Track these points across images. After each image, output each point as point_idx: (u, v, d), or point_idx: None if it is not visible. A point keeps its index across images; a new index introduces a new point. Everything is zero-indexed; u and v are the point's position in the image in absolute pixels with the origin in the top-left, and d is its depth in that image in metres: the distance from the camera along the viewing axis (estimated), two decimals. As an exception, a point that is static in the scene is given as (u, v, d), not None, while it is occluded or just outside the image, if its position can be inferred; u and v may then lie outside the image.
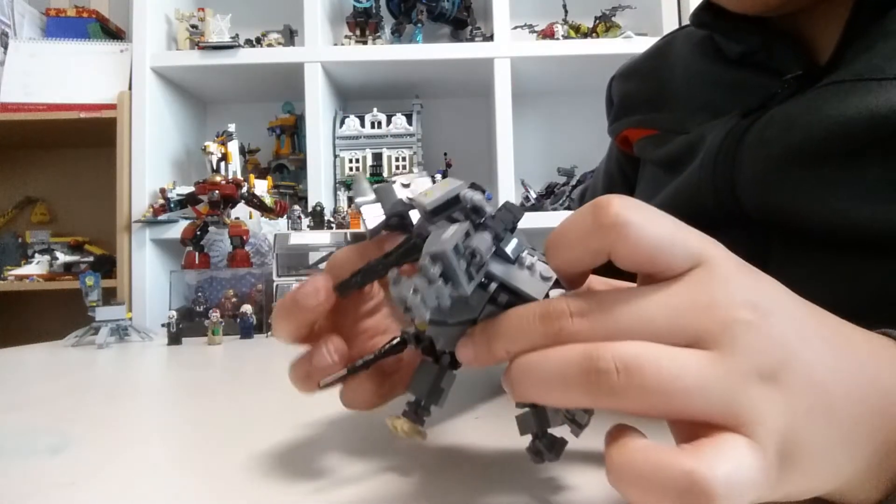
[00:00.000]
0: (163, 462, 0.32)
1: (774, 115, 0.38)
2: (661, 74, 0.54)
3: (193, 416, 0.43)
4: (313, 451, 0.32)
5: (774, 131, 0.37)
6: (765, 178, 0.37)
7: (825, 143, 0.34)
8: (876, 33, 0.35)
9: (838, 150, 0.34)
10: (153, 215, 1.47)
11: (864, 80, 0.33)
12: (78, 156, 1.86)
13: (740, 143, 0.39)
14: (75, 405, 0.48)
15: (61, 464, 0.31)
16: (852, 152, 0.33)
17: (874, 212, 0.33)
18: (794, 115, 0.36)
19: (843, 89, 0.34)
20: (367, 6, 1.68)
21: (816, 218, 0.35)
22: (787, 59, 0.40)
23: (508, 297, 0.22)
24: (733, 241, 0.44)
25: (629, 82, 0.59)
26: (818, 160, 0.35)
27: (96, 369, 0.71)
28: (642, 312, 0.19)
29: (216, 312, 0.95)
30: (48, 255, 1.66)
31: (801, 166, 0.35)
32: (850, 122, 0.33)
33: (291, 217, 1.23)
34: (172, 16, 1.67)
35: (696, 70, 0.50)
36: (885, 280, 0.33)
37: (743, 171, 0.39)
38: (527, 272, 0.22)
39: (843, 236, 0.34)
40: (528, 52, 1.62)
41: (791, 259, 0.37)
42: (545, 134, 1.91)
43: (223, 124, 1.38)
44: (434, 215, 0.23)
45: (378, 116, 1.68)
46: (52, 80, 1.62)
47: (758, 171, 0.38)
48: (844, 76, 0.35)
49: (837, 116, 0.33)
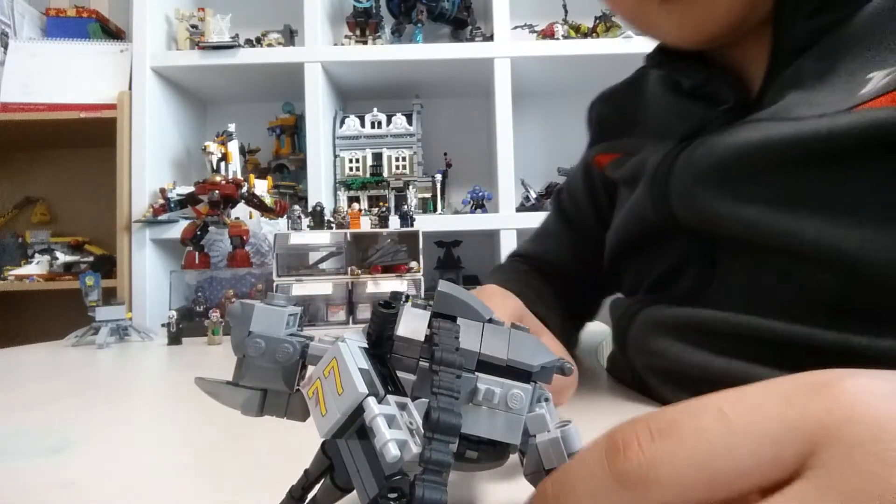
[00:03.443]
0: (163, 462, 0.32)
1: (700, 143, 0.44)
2: (635, 101, 0.59)
3: (193, 416, 0.43)
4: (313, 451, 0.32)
5: (698, 155, 0.44)
6: (690, 192, 0.43)
7: (734, 163, 0.41)
8: (793, 78, 0.41)
9: (745, 169, 0.40)
10: (153, 215, 1.47)
11: (775, 120, 0.40)
12: (78, 156, 1.86)
13: (673, 165, 0.46)
14: (75, 405, 0.48)
15: (61, 464, 0.31)
16: (758, 169, 0.39)
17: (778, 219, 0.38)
18: (715, 142, 0.43)
19: (756, 125, 0.40)
20: (367, 6, 1.68)
21: (733, 225, 0.41)
22: (724, 91, 0.46)
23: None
24: (682, 246, 0.47)
25: (607, 106, 0.65)
26: (729, 177, 0.41)
27: (96, 369, 0.71)
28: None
29: (216, 312, 0.95)
30: (48, 255, 1.66)
31: (716, 182, 0.42)
32: (753, 147, 0.39)
33: (291, 217, 1.22)
34: (172, 16, 1.67)
35: (660, 99, 0.56)
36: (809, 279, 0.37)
37: (674, 188, 0.45)
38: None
39: (759, 241, 0.39)
40: (528, 52, 1.62)
41: (735, 265, 0.43)
42: (545, 134, 1.91)
43: (223, 124, 1.38)
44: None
45: (378, 116, 1.68)
46: (52, 80, 1.62)
47: (685, 187, 0.44)
48: (762, 116, 0.41)
49: (744, 142, 0.40)
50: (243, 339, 0.18)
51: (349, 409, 0.15)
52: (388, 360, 0.18)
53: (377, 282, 1.17)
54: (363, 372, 0.16)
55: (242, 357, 0.18)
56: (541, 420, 0.17)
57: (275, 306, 0.18)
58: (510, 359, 0.17)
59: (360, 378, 0.16)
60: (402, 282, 1.17)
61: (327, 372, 0.16)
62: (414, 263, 1.19)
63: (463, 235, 1.74)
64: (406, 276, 1.18)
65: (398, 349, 0.17)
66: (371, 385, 0.16)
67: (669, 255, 0.48)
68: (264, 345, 0.18)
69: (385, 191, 1.67)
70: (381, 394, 0.16)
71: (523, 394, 0.17)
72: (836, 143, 0.35)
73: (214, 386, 0.19)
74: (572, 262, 0.69)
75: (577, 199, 0.71)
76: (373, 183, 1.67)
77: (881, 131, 0.34)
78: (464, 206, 1.72)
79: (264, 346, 0.18)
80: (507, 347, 0.17)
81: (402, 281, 1.17)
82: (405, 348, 0.17)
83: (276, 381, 0.18)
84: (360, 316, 1.18)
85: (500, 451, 0.17)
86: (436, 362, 0.16)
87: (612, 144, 0.61)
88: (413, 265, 1.19)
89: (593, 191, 0.68)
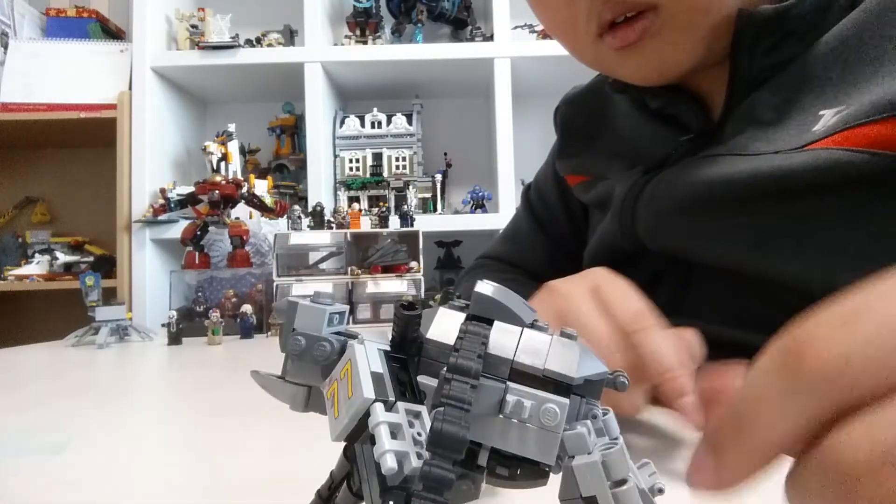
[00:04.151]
0: (163, 462, 0.32)
1: (663, 178, 0.46)
2: (600, 110, 0.61)
3: (193, 416, 0.43)
4: (314, 451, 0.32)
5: (661, 190, 0.46)
6: (657, 226, 0.46)
7: (696, 202, 0.43)
8: (749, 110, 0.43)
9: (706, 206, 0.42)
10: (153, 215, 1.47)
11: (731, 155, 0.42)
12: (78, 156, 1.86)
13: (637, 200, 0.48)
14: (76, 405, 0.48)
15: (62, 464, 0.31)
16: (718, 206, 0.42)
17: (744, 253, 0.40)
18: (676, 178, 0.45)
19: (714, 161, 0.42)
20: (367, 6, 1.68)
21: (701, 257, 0.43)
22: (687, 115, 0.48)
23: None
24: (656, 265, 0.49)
25: (572, 109, 0.66)
26: (691, 215, 0.43)
27: (96, 369, 0.71)
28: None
29: (216, 312, 0.95)
30: (48, 255, 1.66)
31: (680, 219, 0.44)
32: (713, 184, 0.41)
33: (291, 217, 1.23)
34: (172, 16, 1.67)
35: (626, 116, 0.57)
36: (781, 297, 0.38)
37: (640, 222, 0.47)
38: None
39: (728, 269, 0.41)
40: (528, 52, 1.62)
41: (708, 280, 0.45)
42: (545, 134, 1.89)
43: (223, 124, 1.38)
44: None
45: (378, 116, 1.68)
46: (52, 80, 1.62)
47: (650, 222, 0.46)
48: (720, 151, 0.43)
49: (705, 180, 0.42)
50: (287, 335, 0.18)
51: (356, 414, 0.15)
52: (414, 365, 0.17)
53: (377, 282, 1.17)
54: (375, 376, 0.16)
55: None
56: (580, 440, 0.15)
57: (318, 304, 0.18)
58: (546, 369, 0.15)
59: (369, 382, 0.15)
60: (402, 282, 1.17)
61: (342, 374, 0.16)
62: (414, 263, 1.19)
63: (463, 235, 1.74)
64: (406, 276, 1.18)
65: (428, 353, 0.16)
66: (381, 390, 0.15)
67: (643, 274, 0.49)
68: (304, 343, 0.18)
69: (385, 191, 1.67)
70: (392, 400, 0.15)
71: (558, 409, 0.15)
72: (792, 181, 0.37)
73: (266, 380, 0.19)
74: (547, 268, 0.68)
75: (551, 208, 0.70)
76: (373, 183, 1.67)
77: (832, 171, 0.35)
78: (464, 206, 1.72)
79: (304, 343, 0.18)
80: (545, 356, 0.15)
81: (402, 281, 1.17)
82: (436, 352, 0.16)
83: (317, 378, 0.18)
84: (360, 316, 1.18)
85: (539, 470, 0.15)
86: (449, 369, 0.15)
87: (580, 164, 0.62)
88: (413, 265, 1.19)
89: (568, 204, 0.68)
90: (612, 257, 0.52)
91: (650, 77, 0.47)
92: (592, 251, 0.56)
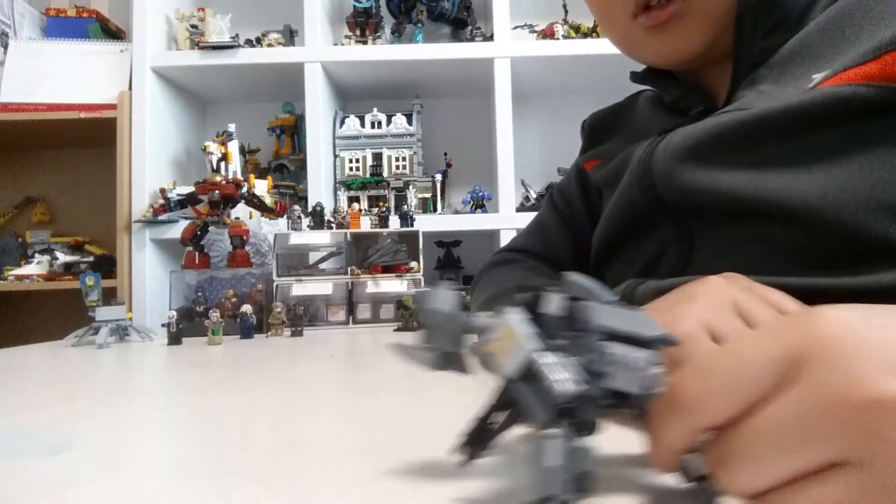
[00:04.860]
0: (163, 462, 0.32)
1: (677, 131, 0.52)
2: (625, 116, 0.69)
3: (193, 417, 0.43)
4: (313, 451, 0.32)
5: (676, 140, 0.52)
6: (671, 169, 0.51)
7: (707, 141, 0.48)
8: (750, 84, 0.50)
9: (716, 144, 0.48)
10: (153, 215, 1.47)
11: (733, 111, 0.48)
12: (78, 156, 1.86)
13: (654, 151, 0.53)
14: (75, 405, 0.48)
15: (62, 464, 0.31)
16: (728, 143, 0.47)
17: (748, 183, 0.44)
18: (689, 129, 0.51)
19: (724, 114, 0.49)
20: (367, 6, 1.68)
21: (709, 195, 0.47)
22: (697, 105, 0.56)
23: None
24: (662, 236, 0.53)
25: (599, 121, 0.74)
26: (703, 153, 0.49)
27: (96, 369, 0.71)
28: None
29: (216, 312, 0.95)
30: (48, 255, 1.66)
31: (692, 159, 0.49)
32: (724, 126, 0.47)
33: (291, 217, 1.23)
34: (172, 16, 1.67)
35: (646, 113, 0.66)
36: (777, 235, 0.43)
37: (656, 170, 0.52)
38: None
39: (736, 207, 0.45)
40: (528, 52, 1.62)
41: (710, 235, 0.49)
42: (545, 134, 1.91)
43: (223, 124, 1.38)
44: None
45: (378, 116, 1.68)
46: (52, 80, 1.62)
47: (666, 167, 0.51)
48: (728, 109, 0.49)
49: (716, 124, 0.48)
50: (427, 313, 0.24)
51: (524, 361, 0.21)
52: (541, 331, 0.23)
53: (377, 282, 1.17)
54: (530, 335, 0.21)
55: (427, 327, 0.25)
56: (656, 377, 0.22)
57: (446, 290, 0.25)
58: (629, 331, 0.22)
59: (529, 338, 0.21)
60: (401, 282, 1.17)
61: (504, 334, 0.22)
62: (414, 263, 1.19)
63: (463, 235, 1.74)
64: (406, 276, 1.18)
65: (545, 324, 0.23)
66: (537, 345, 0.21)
67: (651, 246, 0.55)
68: (440, 318, 0.24)
69: (385, 191, 1.67)
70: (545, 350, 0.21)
71: (642, 356, 0.22)
72: (798, 115, 0.42)
73: (407, 350, 0.25)
74: (570, 259, 0.72)
75: (572, 202, 0.75)
76: (373, 183, 1.67)
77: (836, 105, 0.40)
78: (464, 206, 1.72)
79: (440, 319, 0.24)
80: (628, 323, 0.22)
81: (402, 281, 1.17)
82: (551, 324, 0.23)
83: (450, 344, 0.24)
84: (360, 316, 1.18)
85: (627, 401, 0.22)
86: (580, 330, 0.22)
87: (596, 151, 0.70)
88: (413, 265, 1.19)
89: (587, 195, 0.72)
90: (625, 220, 0.58)
91: (669, 57, 0.56)
92: (606, 218, 0.61)
